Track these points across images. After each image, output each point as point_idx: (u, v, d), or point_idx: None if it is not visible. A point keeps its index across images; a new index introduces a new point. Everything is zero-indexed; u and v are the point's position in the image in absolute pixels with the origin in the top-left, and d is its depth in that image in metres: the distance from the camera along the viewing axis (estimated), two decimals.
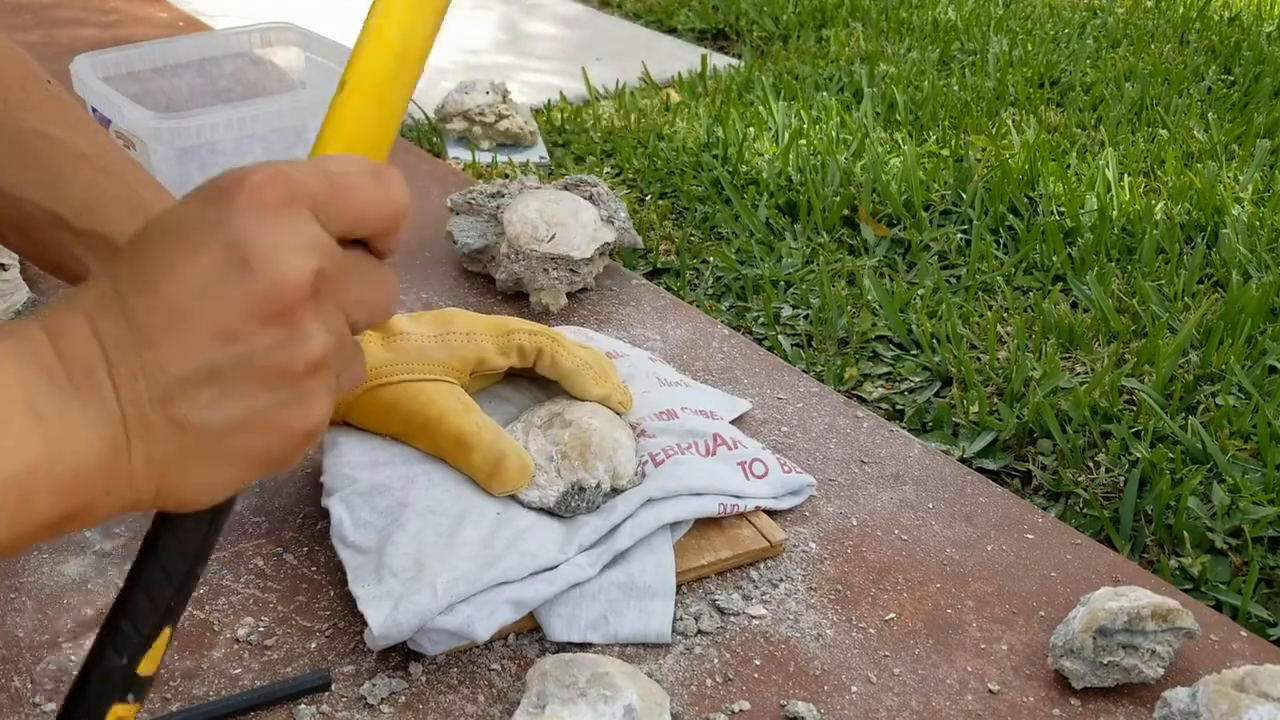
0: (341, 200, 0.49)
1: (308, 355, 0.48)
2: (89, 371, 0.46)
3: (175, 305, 0.47)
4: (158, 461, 0.47)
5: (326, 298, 0.49)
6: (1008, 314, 1.39)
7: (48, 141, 0.76)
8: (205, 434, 0.48)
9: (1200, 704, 0.74)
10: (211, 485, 0.49)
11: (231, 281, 0.47)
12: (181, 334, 0.47)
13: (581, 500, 0.89)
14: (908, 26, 2.54)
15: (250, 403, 0.48)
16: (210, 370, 0.47)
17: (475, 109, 1.76)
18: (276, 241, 0.47)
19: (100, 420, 0.46)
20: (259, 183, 0.48)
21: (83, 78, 1.22)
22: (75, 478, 0.45)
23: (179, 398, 0.47)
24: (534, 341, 0.96)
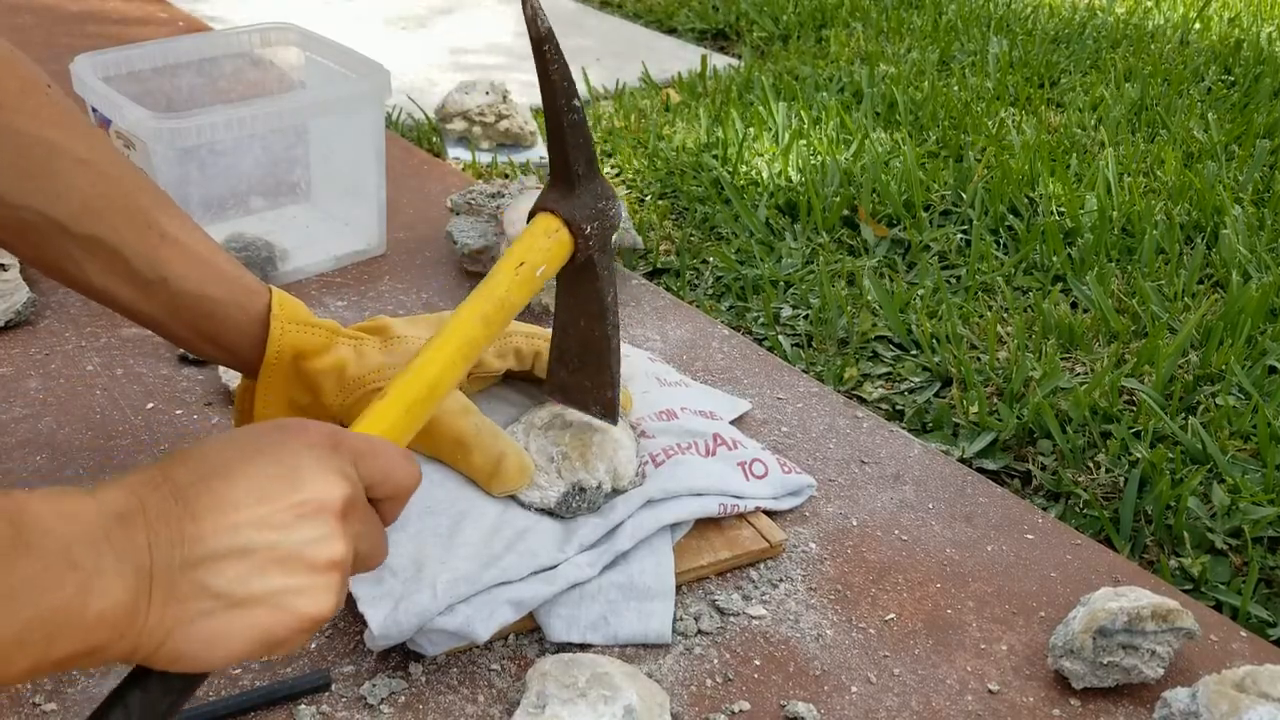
0: (376, 460, 0.63)
1: (330, 553, 0.58)
2: (125, 525, 0.53)
3: (226, 496, 0.56)
4: (170, 618, 0.54)
5: (349, 523, 0.60)
6: (1008, 314, 1.39)
7: (46, 146, 0.76)
8: (223, 601, 0.55)
9: (1200, 704, 0.74)
10: (213, 650, 0.55)
11: (281, 488, 0.57)
12: (227, 516, 0.55)
13: (582, 501, 0.89)
14: (908, 27, 2.54)
15: (271, 582, 0.56)
16: (245, 549, 0.55)
17: (475, 109, 1.76)
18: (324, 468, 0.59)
19: (129, 572, 0.52)
20: (318, 428, 0.61)
21: (83, 78, 1.22)
22: (98, 621, 0.51)
23: (210, 565, 0.54)
24: (531, 345, 0.97)
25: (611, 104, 2.05)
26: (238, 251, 1.24)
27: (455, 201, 1.34)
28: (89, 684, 0.79)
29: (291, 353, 0.85)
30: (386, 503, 0.65)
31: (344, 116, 1.31)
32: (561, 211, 0.82)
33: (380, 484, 0.63)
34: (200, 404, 1.08)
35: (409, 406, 0.72)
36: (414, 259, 1.37)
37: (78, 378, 1.11)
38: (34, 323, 1.19)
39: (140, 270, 0.80)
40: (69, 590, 0.50)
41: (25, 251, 0.79)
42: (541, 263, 0.81)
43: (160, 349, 1.15)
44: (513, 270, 0.79)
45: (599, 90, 2.11)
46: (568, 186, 0.82)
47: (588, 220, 0.82)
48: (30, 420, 1.05)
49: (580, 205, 0.82)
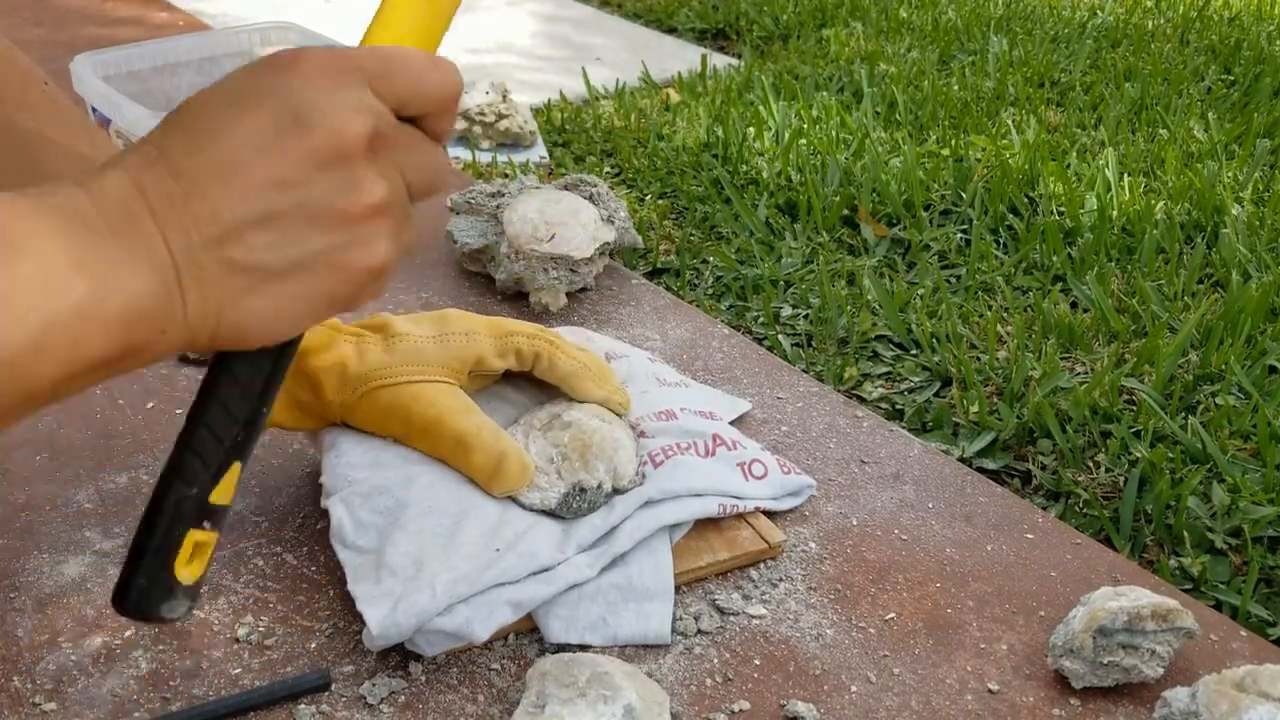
0: (397, 76, 0.52)
1: (366, 199, 0.50)
2: (130, 218, 0.48)
3: (227, 160, 0.49)
4: (214, 301, 0.49)
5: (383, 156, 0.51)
6: (1008, 314, 1.39)
7: (47, 144, 0.76)
8: (263, 274, 0.49)
9: (1200, 704, 0.74)
10: (273, 323, 0.51)
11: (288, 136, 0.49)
12: (235, 183, 0.49)
13: (583, 501, 0.89)
14: (908, 26, 2.54)
15: (308, 245, 0.50)
16: (266, 215, 0.49)
17: (475, 108, 1.76)
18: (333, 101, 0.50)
19: (146, 263, 0.47)
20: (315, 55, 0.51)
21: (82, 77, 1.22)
22: (124, 318, 0.47)
23: (234, 241, 0.49)
24: (532, 345, 0.97)
25: (611, 103, 2.05)
26: None
27: (455, 201, 1.34)
28: (89, 684, 0.79)
29: None
30: (429, 118, 0.54)
31: None
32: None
33: (411, 100, 0.53)
34: None
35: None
36: (413, 258, 1.37)
37: None
38: None
39: None
40: (80, 291, 0.46)
41: None
42: None
43: None
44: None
45: (599, 90, 2.11)
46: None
47: None
48: (30, 419, 1.05)
49: None
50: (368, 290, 0.53)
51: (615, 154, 1.83)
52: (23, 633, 0.84)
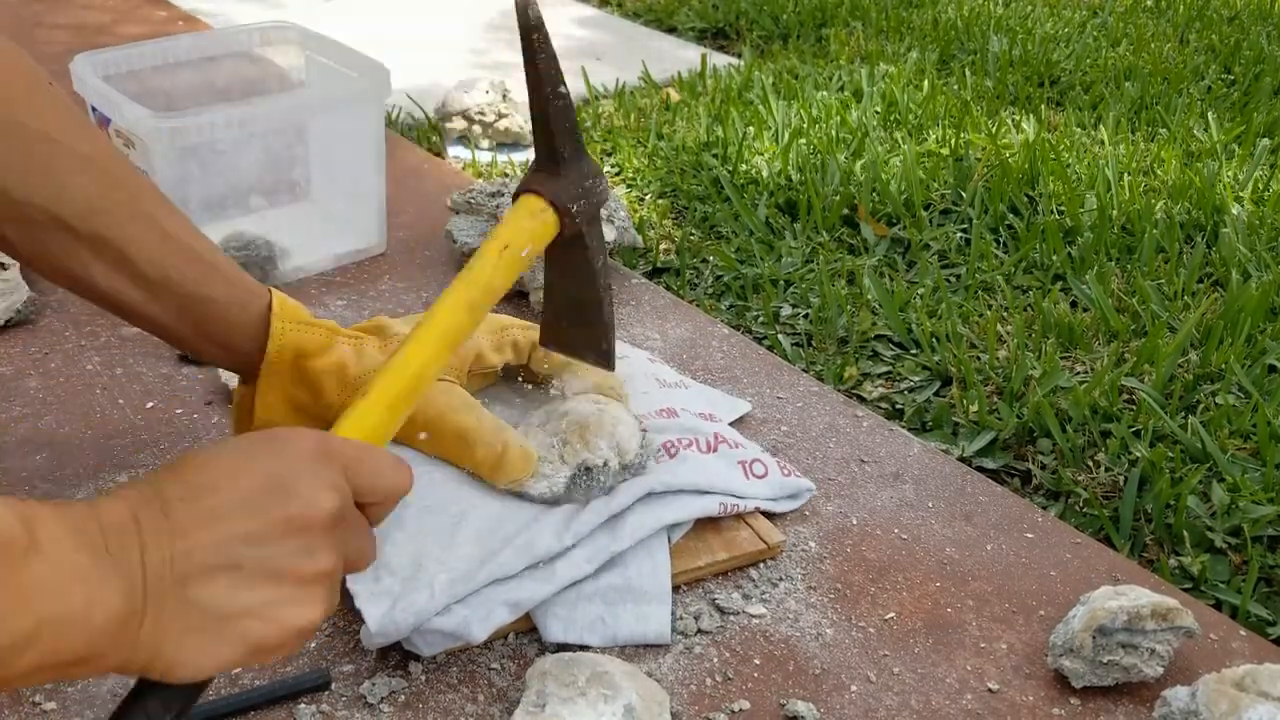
0: (366, 470, 0.63)
1: (317, 566, 0.59)
2: (124, 548, 0.54)
3: (215, 509, 0.57)
4: (161, 632, 0.55)
5: (338, 533, 0.60)
6: (1007, 313, 1.39)
7: (51, 145, 0.77)
8: (212, 613, 0.56)
9: (1200, 703, 0.74)
10: (202, 660, 0.57)
11: (272, 500, 0.58)
12: (215, 532, 0.56)
13: (591, 481, 0.89)
14: (908, 26, 2.54)
15: (260, 594, 0.57)
16: (233, 563, 0.56)
17: (475, 108, 1.76)
18: (314, 482, 0.59)
19: (125, 589, 0.54)
20: (307, 438, 0.61)
21: (82, 76, 1.22)
22: (103, 628, 0.53)
23: (199, 579, 0.56)
24: (528, 336, 0.97)
25: (611, 103, 2.05)
26: (238, 251, 1.24)
27: (455, 200, 1.34)
28: (88, 684, 0.79)
29: (292, 352, 0.85)
30: (374, 507, 0.65)
31: (344, 116, 1.31)
32: (546, 192, 0.82)
33: (370, 491, 0.64)
34: (200, 403, 1.08)
35: (392, 402, 0.72)
36: (414, 258, 1.37)
37: (78, 377, 1.11)
38: (34, 322, 1.19)
39: (145, 270, 0.80)
40: (78, 599, 0.52)
41: (30, 252, 0.79)
42: (526, 244, 0.80)
43: (160, 348, 1.15)
44: (497, 254, 0.79)
45: (599, 89, 2.11)
46: (553, 167, 0.82)
47: (574, 199, 0.82)
48: (30, 419, 1.05)
49: (566, 185, 0.82)
50: (288, 645, 0.59)
51: (615, 153, 1.83)
52: None
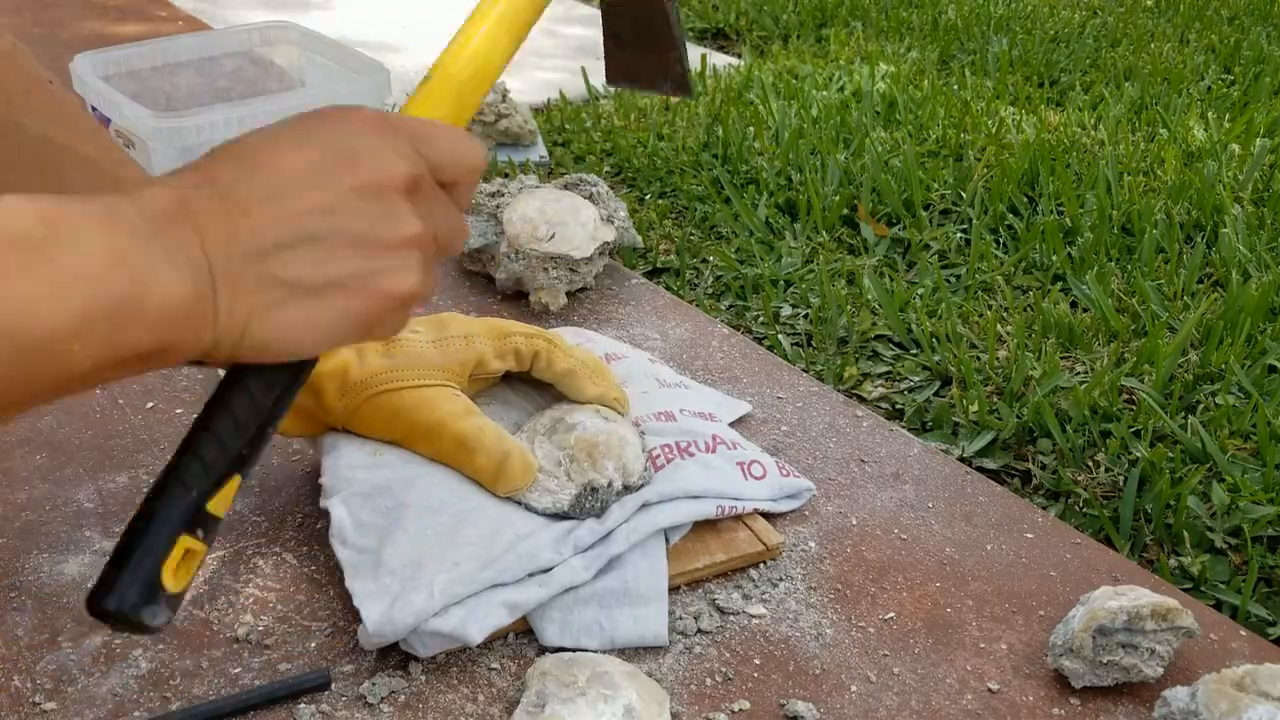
0: (436, 142, 0.57)
1: (403, 230, 0.54)
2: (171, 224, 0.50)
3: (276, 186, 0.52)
4: (244, 311, 0.51)
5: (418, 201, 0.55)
6: (1007, 313, 1.39)
7: (52, 146, 0.76)
8: (298, 289, 0.52)
9: (1200, 703, 0.74)
10: (298, 338, 0.53)
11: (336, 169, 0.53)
12: (281, 207, 0.52)
13: (595, 500, 0.89)
14: (908, 26, 2.54)
15: (345, 265, 0.53)
16: (309, 235, 0.52)
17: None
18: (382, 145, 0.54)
19: (183, 267, 0.50)
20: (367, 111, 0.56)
21: (82, 76, 1.22)
22: (162, 315, 0.49)
23: (275, 256, 0.51)
24: (530, 344, 0.97)
25: (611, 103, 2.05)
26: None
27: None
28: (89, 683, 0.79)
29: None
30: (456, 187, 0.60)
31: None
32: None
33: (446, 166, 0.58)
34: (200, 404, 1.08)
35: (459, 87, 0.66)
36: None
37: None
38: None
39: None
40: (122, 284, 0.48)
41: None
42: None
43: None
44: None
45: (599, 90, 2.11)
46: None
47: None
48: (30, 419, 1.05)
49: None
50: (391, 318, 0.55)
51: (615, 153, 1.83)
52: (23, 632, 0.84)
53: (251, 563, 0.91)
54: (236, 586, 0.88)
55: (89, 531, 0.93)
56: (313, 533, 0.94)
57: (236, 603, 0.87)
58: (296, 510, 0.96)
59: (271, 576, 0.89)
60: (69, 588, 0.88)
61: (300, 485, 0.99)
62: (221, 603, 0.87)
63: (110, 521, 0.94)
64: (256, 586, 0.88)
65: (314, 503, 0.95)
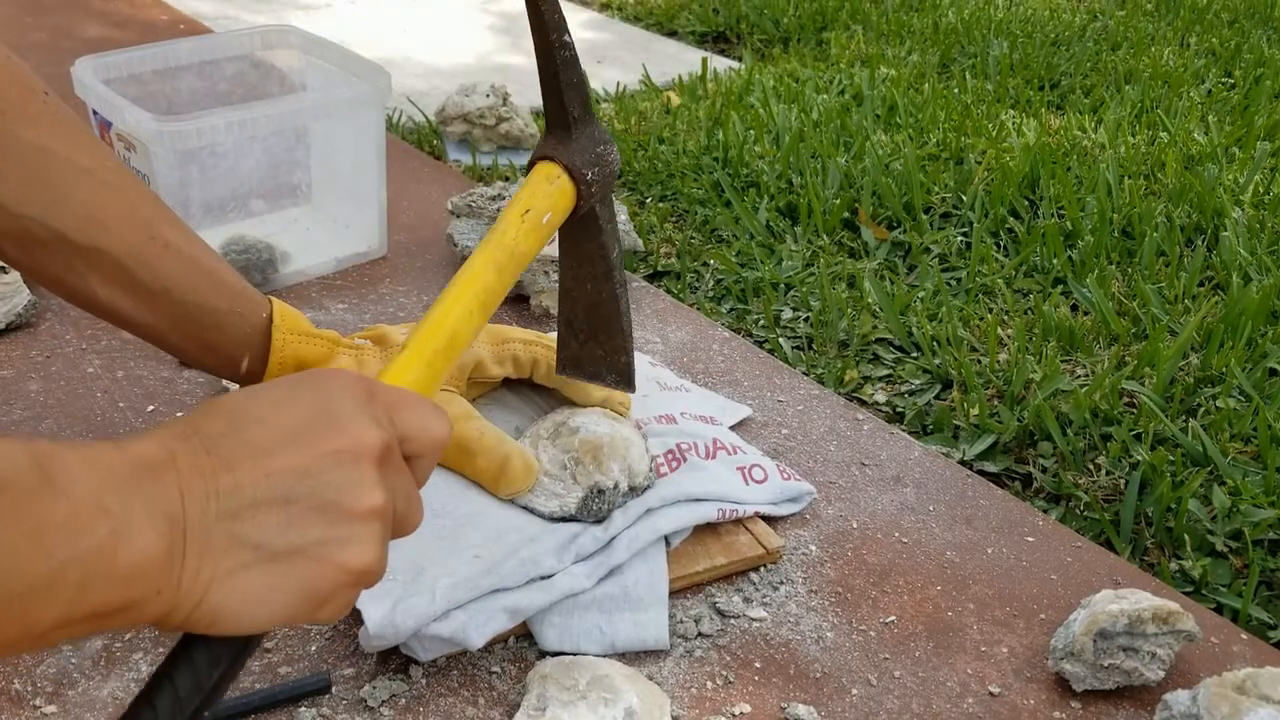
0: (410, 412, 0.60)
1: (369, 500, 0.55)
2: (155, 477, 0.50)
3: (261, 442, 0.54)
4: (208, 572, 0.52)
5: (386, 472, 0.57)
6: (1008, 316, 1.39)
7: (48, 157, 0.76)
8: (262, 552, 0.53)
9: (1201, 706, 0.74)
10: (254, 607, 0.53)
11: (317, 432, 0.55)
12: (263, 464, 0.53)
13: (602, 503, 0.89)
14: (908, 29, 2.54)
15: (310, 533, 0.54)
16: (283, 497, 0.53)
17: (475, 111, 1.76)
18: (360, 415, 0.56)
19: (161, 521, 0.50)
20: (351, 377, 0.59)
21: (84, 80, 1.22)
22: (131, 571, 0.49)
23: (247, 515, 0.52)
24: (529, 352, 0.97)
25: (612, 106, 2.05)
26: (238, 254, 1.24)
27: (456, 204, 1.35)
28: (89, 686, 0.79)
29: (294, 363, 0.85)
30: (418, 460, 0.62)
31: (344, 119, 1.31)
32: (561, 158, 0.81)
33: (414, 437, 0.60)
34: None
35: (430, 359, 0.70)
36: (415, 261, 1.37)
37: (78, 380, 1.11)
38: (35, 325, 1.19)
39: (143, 281, 0.79)
40: (100, 535, 0.48)
41: (29, 264, 0.79)
42: (547, 209, 0.79)
43: (161, 352, 1.15)
44: (519, 218, 0.78)
45: (600, 93, 2.11)
46: (564, 132, 0.82)
47: (588, 165, 0.82)
48: (31, 423, 1.05)
49: (579, 150, 0.82)
50: (342, 594, 0.56)
51: None
52: None
53: None
54: None
55: None
56: None
57: None
58: None
59: None
60: None
61: None
62: None
63: None
64: None
65: None
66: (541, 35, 0.80)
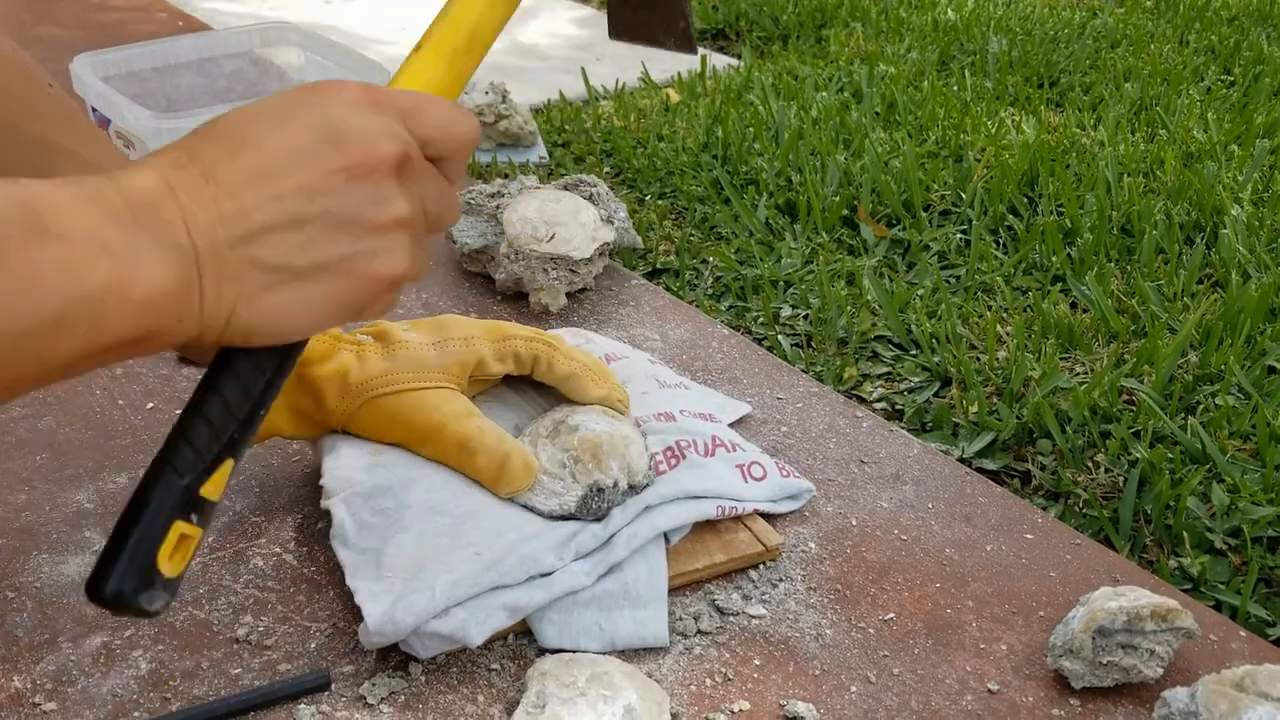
0: (426, 116, 0.56)
1: (391, 212, 0.53)
2: (155, 210, 0.49)
3: (262, 167, 0.51)
4: (230, 296, 0.50)
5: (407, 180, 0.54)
6: (1007, 314, 1.39)
7: (52, 150, 0.76)
8: (285, 273, 0.51)
9: (1199, 704, 0.74)
10: (285, 322, 0.52)
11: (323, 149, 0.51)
12: (267, 188, 0.51)
13: (602, 501, 0.89)
14: (907, 27, 2.54)
15: (333, 249, 0.52)
16: (296, 218, 0.51)
17: (475, 109, 1.76)
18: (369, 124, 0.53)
19: (170, 252, 0.49)
20: (355, 86, 0.55)
21: (82, 77, 1.22)
22: (146, 303, 0.48)
23: (260, 240, 0.51)
24: (530, 348, 0.97)
25: (611, 104, 2.05)
26: None
27: None
28: (89, 684, 0.79)
29: None
30: (446, 161, 0.58)
31: None
32: None
33: (436, 140, 0.57)
34: None
35: (451, 57, 0.64)
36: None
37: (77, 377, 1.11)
38: None
39: None
40: (103, 271, 0.47)
41: None
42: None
43: None
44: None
45: (599, 90, 2.11)
46: None
47: None
48: (30, 419, 1.05)
49: None
50: (380, 300, 0.55)
51: (615, 154, 1.83)
52: (23, 633, 0.84)
53: (251, 563, 0.91)
54: (236, 587, 0.88)
55: (89, 532, 0.93)
56: (313, 533, 0.94)
57: (236, 603, 0.87)
58: (296, 510, 0.96)
59: (271, 577, 0.89)
60: (69, 588, 0.88)
61: (300, 485, 0.99)
62: (221, 603, 0.87)
63: (110, 522, 0.94)
64: (256, 587, 0.88)
65: (314, 503, 0.95)
66: None
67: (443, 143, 0.57)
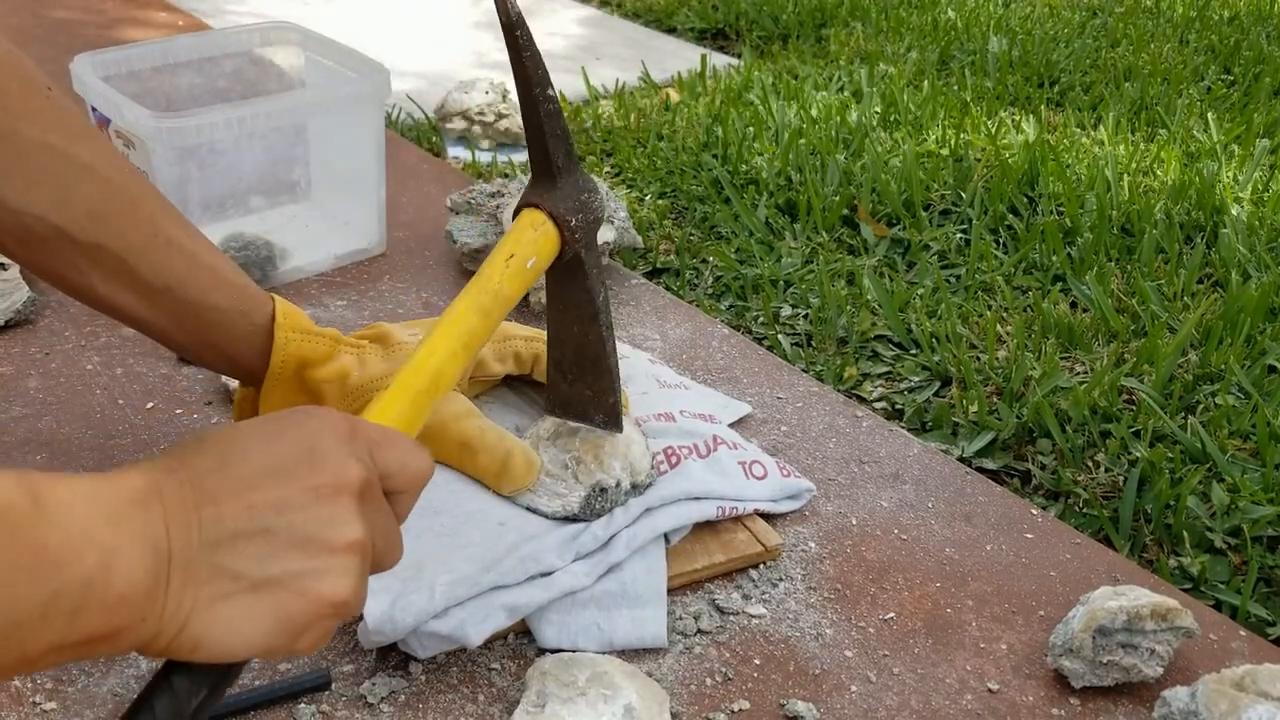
0: (391, 448, 0.61)
1: (348, 535, 0.57)
2: (142, 509, 0.52)
3: (245, 477, 0.56)
4: (190, 601, 0.53)
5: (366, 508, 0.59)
6: (1007, 313, 1.39)
7: (50, 153, 0.76)
8: (242, 581, 0.54)
9: (1199, 703, 0.74)
10: (231, 636, 0.54)
11: (300, 467, 0.56)
12: (245, 498, 0.55)
13: (604, 501, 0.89)
14: (907, 26, 2.54)
15: (289, 563, 0.55)
16: (263, 529, 0.54)
17: (475, 108, 1.76)
18: (342, 452, 0.58)
19: (149, 552, 0.51)
20: (334, 414, 0.60)
21: (82, 77, 1.22)
22: (120, 599, 0.50)
23: (228, 546, 0.54)
24: (530, 348, 0.97)
25: (611, 103, 2.05)
26: (237, 251, 1.24)
27: (455, 201, 1.34)
28: (89, 683, 0.79)
29: (296, 362, 0.85)
30: (399, 496, 0.63)
31: (344, 116, 1.31)
32: (545, 205, 0.81)
33: (396, 474, 0.62)
34: (200, 403, 1.08)
35: (414, 397, 0.71)
36: (414, 258, 1.37)
37: (78, 377, 1.11)
38: (34, 322, 1.19)
39: (146, 278, 0.79)
40: (91, 565, 0.49)
41: (29, 259, 0.79)
42: (530, 254, 0.80)
43: (161, 348, 1.15)
44: (503, 263, 0.79)
45: (599, 89, 2.11)
46: (549, 180, 0.82)
47: (571, 213, 0.82)
48: (30, 419, 1.05)
49: (563, 198, 0.82)
50: (319, 625, 0.57)
51: (615, 154, 1.83)
52: None
53: None
54: None
55: None
56: None
57: None
58: None
59: None
60: None
61: None
62: None
63: None
64: None
65: None
66: (525, 89, 0.80)
67: (400, 477, 0.62)
